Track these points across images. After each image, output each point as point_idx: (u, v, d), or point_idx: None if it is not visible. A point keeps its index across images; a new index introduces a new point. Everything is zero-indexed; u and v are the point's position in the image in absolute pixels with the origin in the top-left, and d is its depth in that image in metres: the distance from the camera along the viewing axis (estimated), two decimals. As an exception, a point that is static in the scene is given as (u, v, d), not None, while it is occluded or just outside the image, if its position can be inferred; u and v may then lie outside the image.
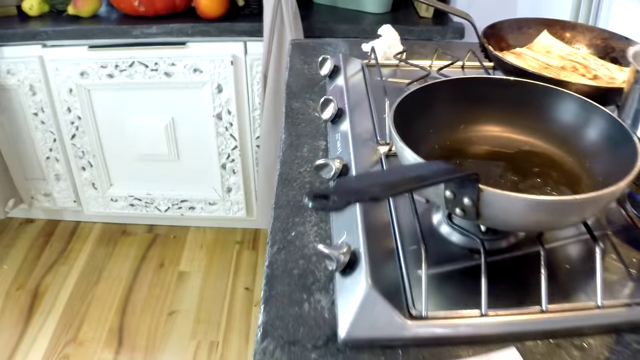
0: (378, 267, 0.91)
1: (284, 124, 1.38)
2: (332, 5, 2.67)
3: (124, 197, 3.01)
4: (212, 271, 2.93)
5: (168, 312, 2.72)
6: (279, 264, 0.98)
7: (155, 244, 3.12)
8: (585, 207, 0.85)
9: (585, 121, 1.08)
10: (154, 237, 3.17)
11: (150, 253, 3.06)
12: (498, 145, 1.13)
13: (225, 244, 3.11)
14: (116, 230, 3.21)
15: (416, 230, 0.98)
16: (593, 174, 1.04)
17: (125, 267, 2.97)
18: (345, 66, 1.55)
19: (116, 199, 3.02)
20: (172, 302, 2.78)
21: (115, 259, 3.03)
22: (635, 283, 0.93)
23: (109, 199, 3.02)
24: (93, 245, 3.11)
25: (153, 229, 3.21)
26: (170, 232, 3.18)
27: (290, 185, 1.17)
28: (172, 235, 3.16)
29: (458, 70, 1.58)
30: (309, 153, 1.26)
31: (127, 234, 3.19)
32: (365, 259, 0.91)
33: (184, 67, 2.56)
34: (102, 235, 3.17)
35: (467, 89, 1.14)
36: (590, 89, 1.23)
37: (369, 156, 1.17)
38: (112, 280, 2.88)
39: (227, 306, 2.75)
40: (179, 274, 2.92)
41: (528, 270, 0.91)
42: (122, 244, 3.12)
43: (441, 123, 1.11)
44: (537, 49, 1.51)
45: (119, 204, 3.03)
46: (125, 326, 2.65)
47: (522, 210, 0.82)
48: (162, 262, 3.00)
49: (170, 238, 3.15)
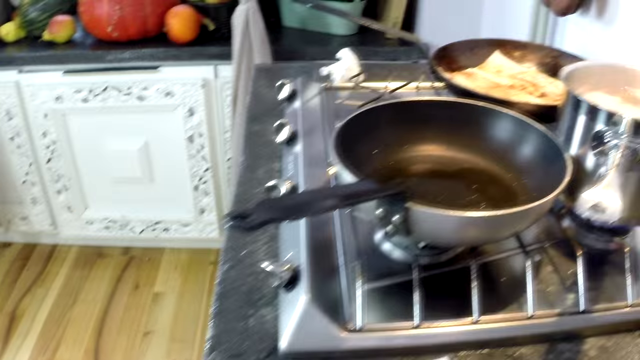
0: (319, 282, 0.95)
1: (243, 147, 1.42)
2: (301, 29, 2.71)
3: (100, 219, 3.02)
4: (187, 291, 2.95)
5: (143, 332, 2.73)
6: (230, 281, 1.03)
7: (131, 266, 3.13)
8: (514, 221, 0.89)
9: (521, 139, 1.13)
10: (129, 259, 3.18)
11: (125, 275, 3.07)
12: (440, 164, 1.18)
13: (199, 265, 3.13)
14: (92, 253, 3.21)
15: (361, 246, 1.03)
16: (528, 189, 1.08)
17: (101, 290, 2.98)
18: (302, 90, 1.60)
19: (92, 221, 3.03)
20: (148, 322, 2.79)
21: (91, 281, 3.03)
22: (569, 293, 0.98)
23: (84, 222, 3.03)
24: (69, 268, 3.11)
25: (128, 251, 3.22)
26: (145, 254, 3.19)
27: (244, 205, 1.21)
28: (147, 258, 3.17)
29: (412, 91, 1.63)
30: (264, 174, 1.31)
31: (103, 256, 3.19)
32: (306, 275, 0.96)
33: (156, 91, 2.60)
34: (78, 258, 3.18)
35: (409, 111, 1.18)
36: (534, 107, 1.28)
37: (319, 177, 1.21)
38: (88, 303, 2.89)
39: (202, 325, 2.77)
40: (154, 295, 2.93)
41: (465, 282, 0.95)
42: (97, 266, 3.13)
43: (385, 144, 1.16)
44: (489, 69, 1.57)
45: (94, 226, 3.04)
46: (101, 347, 2.66)
47: (450, 226, 0.87)
48: (137, 283, 3.01)
49: (145, 260, 3.16)
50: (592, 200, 0.84)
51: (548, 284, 1.00)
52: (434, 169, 1.18)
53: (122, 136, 2.75)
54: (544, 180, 1.04)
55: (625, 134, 0.92)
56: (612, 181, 0.86)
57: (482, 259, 1.03)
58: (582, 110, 1.00)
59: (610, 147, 0.93)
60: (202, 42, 2.56)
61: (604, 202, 0.84)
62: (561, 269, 1.04)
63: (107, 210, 3.01)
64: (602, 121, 0.97)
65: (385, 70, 1.84)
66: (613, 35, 1.45)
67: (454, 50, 1.59)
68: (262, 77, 1.85)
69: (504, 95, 1.38)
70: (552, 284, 1.00)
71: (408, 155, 1.18)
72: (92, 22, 2.52)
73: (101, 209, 3.01)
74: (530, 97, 1.41)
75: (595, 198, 0.84)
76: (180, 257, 3.18)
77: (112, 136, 2.76)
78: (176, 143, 2.76)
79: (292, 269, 0.97)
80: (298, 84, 1.64)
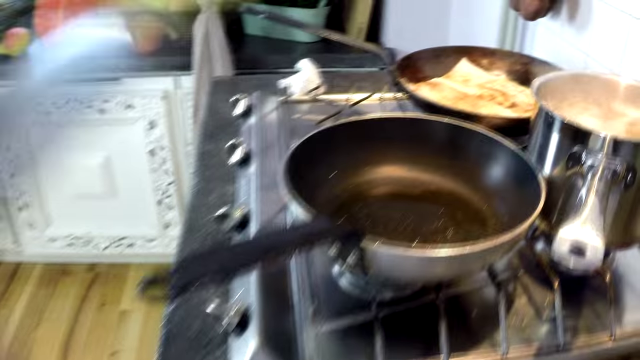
0: (271, 324, 0.87)
1: (195, 168, 1.33)
2: (264, 36, 2.63)
3: (63, 236, 2.94)
4: (154, 309, 2.86)
5: (110, 352, 2.64)
6: (176, 322, 0.94)
7: (96, 283, 3.03)
8: (483, 256, 0.81)
9: (491, 157, 1.05)
10: (94, 276, 3.08)
11: (91, 293, 2.97)
12: (403, 186, 1.10)
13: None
14: (57, 271, 3.11)
15: (318, 282, 0.94)
16: (499, 213, 1.00)
17: (66, 308, 2.88)
18: (259, 105, 1.51)
19: (55, 238, 2.94)
20: (114, 341, 2.70)
21: (55, 299, 2.94)
22: (546, 326, 0.90)
23: (47, 239, 2.94)
24: (34, 286, 3.01)
25: (94, 267, 3.12)
26: (111, 270, 3.09)
27: (193, 235, 1.12)
28: (113, 274, 3.07)
29: (376, 103, 1.54)
30: (216, 200, 1.22)
31: (68, 273, 3.09)
32: (256, 317, 0.87)
33: (116, 104, 2.51)
34: (42, 276, 3.08)
35: (368, 129, 1.09)
36: (504, 120, 1.20)
37: (275, 202, 1.11)
38: (53, 322, 2.80)
39: (169, 345, 2.68)
40: (120, 313, 2.84)
41: (432, 319, 0.86)
42: (62, 284, 3.03)
43: (343, 166, 1.07)
44: (455, 78, 1.49)
45: (58, 243, 2.95)
46: (67, 368, 2.56)
47: (411, 266, 0.79)
48: (103, 301, 2.92)
49: (111, 276, 3.06)
50: (569, 241, 0.74)
51: (523, 317, 0.92)
52: (396, 191, 1.09)
53: (83, 150, 2.66)
54: (516, 203, 0.97)
55: (603, 154, 0.85)
56: (590, 215, 0.77)
57: (450, 292, 0.94)
58: (556, 128, 0.92)
59: (588, 168, 0.86)
60: (163, 53, 2.47)
61: (582, 243, 0.74)
62: (537, 298, 0.96)
63: (70, 227, 2.92)
64: (578, 140, 0.88)
65: (348, 81, 1.75)
66: (586, 40, 1.37)
67: (419, 58, 1.50)
68: (218, 91, 1.76)
69: (471, 107, 1.31)
70: (527, 316, 0.92)
71: (368, 177, 1.10)
72: (49, 35, 2.42)
73: (64, 225, 2.92)
74: (499, 108, 1.33)
75: (573, 237, 0.75)
76: (146, 273, 3.07)
77: (74, 150, 2.66)
78: (138, 157, 2.67)
79: (241, 311, 0.88)
80: (254, 98, 1.54)
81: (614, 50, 1.28)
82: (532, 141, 0.99)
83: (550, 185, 0.93)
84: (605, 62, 1.31)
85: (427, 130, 1.10)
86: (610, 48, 1.29)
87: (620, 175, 0.85)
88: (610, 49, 1.29)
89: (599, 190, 0.82)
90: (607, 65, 1.30)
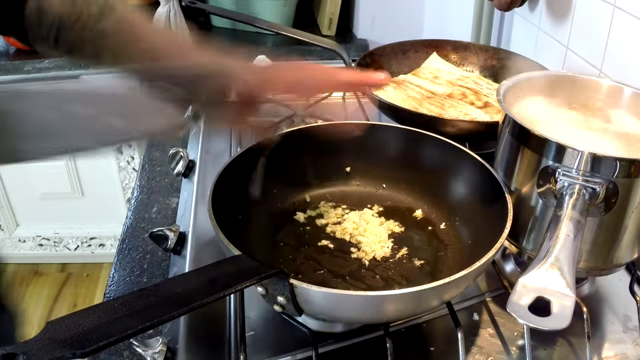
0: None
1: (138, 178, 1.21)
2: (232, 28, 2.51)
3: (32, 237, 2.85)
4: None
5: (82, 355, 2.55)
6: (103, 356, 0.82)
7: (69, 284, 2.95)
8: (439, 292, 0.70)
9: (453, 170, 0.94)
10: (67, 276, 2.99)
11: (63, 292, 2.90)
12: (355, 202, 0.99)
13: (139, 281, 2.94)
14: (29, 271, 3.02)
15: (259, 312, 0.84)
16: (462, 235, 0.90)
17: (39, 309, 2.81)
18: (208, 107, 1.38)
19: (24, 239, 2.86)
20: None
21: (28, 299, 2.88)
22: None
23: (17, 240, 2.86)
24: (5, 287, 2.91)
25: (66, 267, 3.03)
26: (84, 270, 3.00)
27: (130, 255, 1.01)
28: (85, 274, 2.99)
29: (338, 102, 1.42)
30: (157, 214, 1.10)
31: (40, 274, 3.01)
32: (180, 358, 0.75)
33: (79, 101, 2.38)
34: (14, 277, 2.99)
35: (313, 138, 0.98)
36: (472, 125, 1.09)
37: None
38: (25, 322, 2.70)
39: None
40: (93, 315, 2.75)
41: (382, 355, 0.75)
42: (35, 284, 2.95)
43: (287, 181, 0.97)
44: (424, 75, 1.37)
45: (27, 244, 2.87)
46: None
47: (350, 307, 0.67)
48: (75, 302, 2.84)
49: (84, 276, 2.98)
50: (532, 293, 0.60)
51: (489, 353, 0.81)
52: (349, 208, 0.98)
53: (46, 149, 2.53)
54: (480, 223, 0.87)
55: (580, 172, 0.73)
56: (561, 254, 0.64)
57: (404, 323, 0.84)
58: (525, 140, 0.80)
59: (562, 188, 0.74)
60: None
61: (549, 295, 0.60)
62: (504, 328, 0.85)
63: (38, 228, 2.84)
64: (550, 155, 0.77)
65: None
66: (566, 31, 1.26)
67: (383, 54, 1.38)
68: (170, 90, 1.63)
69: (438, 108, 1.19)
70: (493, 351, 0.81)
71: (317, 192, 0.99)
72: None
73: (33, 226, 2.84)
74: (470, 109, 1.22)
75: (537, 288, 0.60)
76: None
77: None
78: (104, 155, 2.55)
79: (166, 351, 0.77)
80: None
81: (595, 42, 1.16)
82: (499, 153, 0.87)
83: (519, 204, 0.82)
84: (587, 55, 1.19)
85: (378, 138, 0.99)
86: (591, 40, 1.18)
87: (601, 195, 0.74)
88: (592, 42, 1.18)
89: (573, 218, 0.69)
90: (589, 59, 1.19)
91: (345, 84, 0.95)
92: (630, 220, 0.77)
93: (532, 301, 0.58)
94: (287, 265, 0.81)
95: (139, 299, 0.54)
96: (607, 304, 0.90)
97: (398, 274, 0.85)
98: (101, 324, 0.50)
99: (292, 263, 0.86)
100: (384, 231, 0.92)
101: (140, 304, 0.54)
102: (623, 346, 0.83)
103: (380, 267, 0.86)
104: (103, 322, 0.50)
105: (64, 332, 0.48)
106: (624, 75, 1.05)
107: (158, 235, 0.97)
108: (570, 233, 0.66)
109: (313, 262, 0.86)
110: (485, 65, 1.41)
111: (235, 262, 0.65)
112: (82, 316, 0.51)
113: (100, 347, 0.48)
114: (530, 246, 0.84)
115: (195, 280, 0.60)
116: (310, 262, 0.86)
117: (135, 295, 0.55)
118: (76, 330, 0.48)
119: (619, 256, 0.82)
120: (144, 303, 0.54)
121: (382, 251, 0.88)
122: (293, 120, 1.23)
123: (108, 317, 0.51)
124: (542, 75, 0.97)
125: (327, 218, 0.95)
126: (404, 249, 0.89)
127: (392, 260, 0.87)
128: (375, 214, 0.96)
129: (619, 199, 0.74)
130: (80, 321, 0.50)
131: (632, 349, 0.82)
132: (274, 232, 0.92)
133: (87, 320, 0.50)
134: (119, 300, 0.54)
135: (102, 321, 0.50)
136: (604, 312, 0.89)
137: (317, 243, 0.90)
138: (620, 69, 1.09)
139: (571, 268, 0.62)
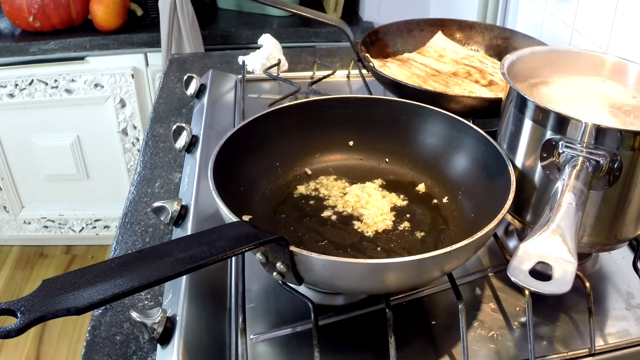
0: (198, 335, 0.76)
1: (141, 154, 1.21)
2: (237, 10, 2.50)
3: (37, 219, 2.85)
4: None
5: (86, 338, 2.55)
6: (103, 328, 0.83)
7: (73, 265, 2.94)
8: (440, 262, 0.69)
9: (456, 143, 0.94)
10: (71, 258, 3.00)
11: (68, 275, 2.88)
12: (358, 175, 0.98)
13: (143, 263, 2.94)
14: (34, 253, 3.03)
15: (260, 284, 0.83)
16: (464, 209, 0.89)
17: (44, 291, 2.79)
18: (212, 84, 1.38)
19: (29, 221, 2.86)
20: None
21: (32, 282, 2.85)
22: (517, 339, 0.79)
23: (22, 222, 2.86)
24: (10, 268, 2.94)
25: (70, 249, 3.04)
26: (88, 252, 3.01)
27: (132, 228, 1.01)
28: (90, 256, 2.99)
29: (342, 81, 1.42)
30: (160, 189, 1.10)
31: (45, 256, 3.01)
32: (180, 328, 0.75)
33: (84, 83, 2.40)
34: (19, 259, 3.00)
35: (317, 112, 0.98)
36: (477, 101, 1.08)
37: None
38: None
39: (146, 330, 2.60)
40: (97, 299, 2.75)
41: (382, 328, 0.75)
42: (39, 266, 2.95)
43: (289, 154, 0.97)
44: (429, 54, 1.36)
45: (32, 226, 2.87)
46: (42, 355, 2.49)
47: (351, 275, 0.67)
48: (79, 285, 2.82)
49: (88, 258, 2.98)
50: (533, 258, 0.60)
51: (490, 327, 0.81)
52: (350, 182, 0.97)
53: (52, 131, 2.56)
54: (483, 196, 0.86)
55: (584, 144, 0.73)
56: (563, 222, 0.64)
57: (405, 296, 0.83)
58: (528, 113, 0.79)
59: (565, 160, 0.74)
60: (130, 29, 2.35)
61: (550, 260, 0.59)
62: (507, 304, 0.84)
63: (44, 210, 2.84)
64: (554, 128, 0.76)
65: (315, 57, 1.62)
66: (571, 12, 1.25)
67: (388, 32, 1.38)
68: (174, 70, 1.63)
69: (442, 86, 1.19)
70: (495, 326, 0.81)
71: (319, 166, 0.99)
72: (13, 12, 2.31)
73: (38, 208, 2.83)
74: (475, 87, 1.21)
75: (539, 254, 0.60)
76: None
77: (42, 132, 2.56)
78: (110, 136, 2.57)
79: (166, 320, 0.76)
80: (209, 77, 1.41)
81: (601, 22, 1.16)
82: (502, 127, 0.87)
83: (523, 178, 0.82)
84: (592, 35, 1.19)
85: (385, 113, 0.99)
86: (597, 20, 1.17)
87: (604, 168, 0.73)
88: (598, 22, 1.17)
89: (576, 188, 0.68)
90: (594, 39, 1.18)
91: None
92: (634, 194, 0.77)
93: (533, 266, 0.58)
94: (289, 237, 0.80)
95: (136, 260, 0.54)
96: (610, 281, 0.90)
97: (400, 246, 0.84)
98: (97, 282, 0.49)
99: (294, 234, 0.86)
100: (386, 204, 0.91)
101: (138, 264, 0.54)
102: (625, 323, 0.82)
103: (382, 239, 0.85)
104: (99, 281, 0.50)
105: (60, 289, 0.48)
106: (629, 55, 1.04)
107: (160, 208, 0.96)
108: (573, 202, 0.66)
109: (315, 233, 0.86)
110: (490, 45, 1.40)
111: (236, 227, 0.65)
112: (78, 275, 0.51)
113: (95, 304, 0.48)
114: (534, 220, 0.83)
115: (194, 243, 0.59)
116: (312, 234, 0.85)
117: (133, 257, 0.55)
118: (72, 288, 0.48)
119: (622, 231, 0.81)
120: (142, 264, 0.54)
121: (384, 224, 0.88)
122: (296, 97, 1.22)
123: (104, 277, 0.51)
124: (547, 50, 0.96)
125: (329, 191, 0.95)
126: (406, 222, 0.89)
127: (394, 233, 0.87)
128: (377, 187, 0.95)
129: (622, 172, 0.74)
130: (76, 280, 0.50)
131: (634, 326, 0.81)
132: (275, 204, 0.91)
133: (83, 279, 0.50)
134: (116, 260, 0.54)
135: (98, 280, 0.50)
136: (607, 289, 0.88)
137: (318, 215, 0.89)
138: (627, 50, 1.08)
139: (573, 236, 0.62)
